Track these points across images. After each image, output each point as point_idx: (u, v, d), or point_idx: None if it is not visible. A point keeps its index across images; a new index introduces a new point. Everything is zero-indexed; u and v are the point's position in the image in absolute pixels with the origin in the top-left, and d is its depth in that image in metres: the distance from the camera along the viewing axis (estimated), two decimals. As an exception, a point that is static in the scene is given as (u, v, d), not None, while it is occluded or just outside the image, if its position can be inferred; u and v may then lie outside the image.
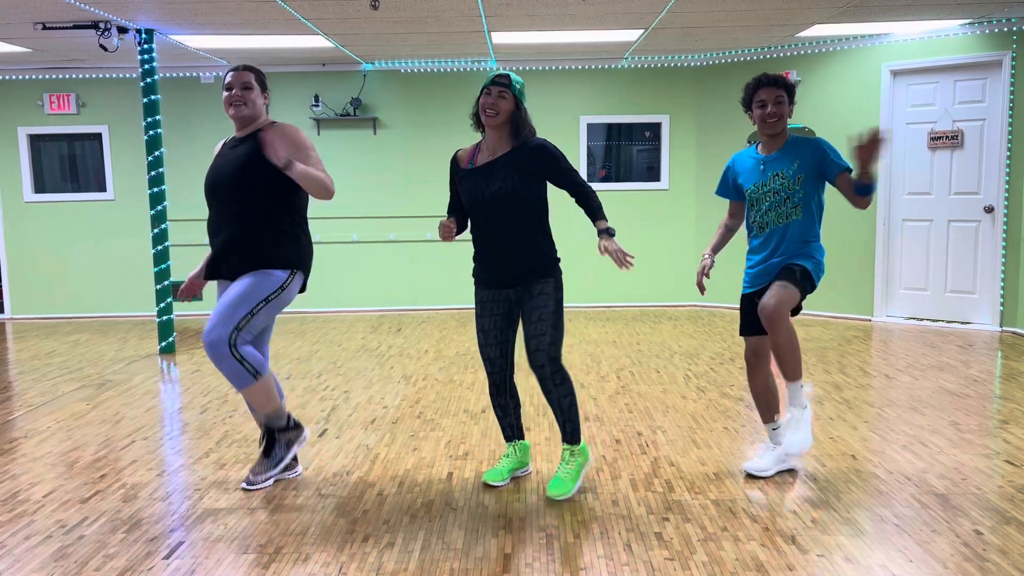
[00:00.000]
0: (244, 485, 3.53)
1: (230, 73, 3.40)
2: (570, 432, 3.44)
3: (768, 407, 3.67)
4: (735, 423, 4.42)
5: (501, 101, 3.29)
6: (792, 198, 3.45)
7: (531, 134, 3.38)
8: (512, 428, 3.60)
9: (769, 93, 3.46)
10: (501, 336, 3.47)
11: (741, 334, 3.69)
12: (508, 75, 3.31)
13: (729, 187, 3.71)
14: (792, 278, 3.38)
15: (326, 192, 3.29)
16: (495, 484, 3.52)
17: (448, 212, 3.57)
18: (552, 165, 3.35)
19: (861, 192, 3.31)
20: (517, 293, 3.41)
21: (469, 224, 3.50)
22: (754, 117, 3.52)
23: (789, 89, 3.49)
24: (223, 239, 3.41)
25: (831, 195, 3.50)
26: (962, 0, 5.87)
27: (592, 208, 3.39)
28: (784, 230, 3.48)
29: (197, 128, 8.26)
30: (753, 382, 3.65)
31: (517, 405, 3.60)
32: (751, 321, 3.59)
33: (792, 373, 3.40)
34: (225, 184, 3.38)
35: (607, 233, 3.33)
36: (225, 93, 3.38)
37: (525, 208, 3.34)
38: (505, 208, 3.32)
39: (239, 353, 3.29)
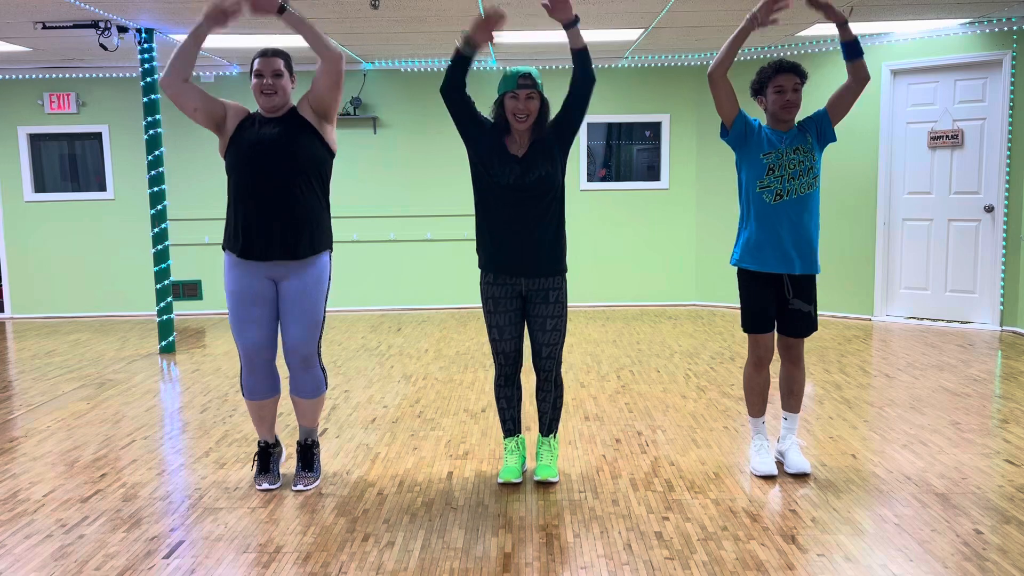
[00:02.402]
0: (304, 487, 3.56)
1: (259, 59, 3.28)
2: (555, 427, 3.64)
3: (766, 400, 3.69)
4: (735, 422, 4.42)
5: (530, 103, 3.27)
6: (814, 168, 3.46)
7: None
8: (514, 421, 3.61)
9: (788, 79, 3.42)
10: (516, 331, 3.49)
11: (753, 331, 3.55)
12: (531, 74, 3.25)
13: (744, 123, 3.48)
14: (813, 324, 3.59)
15: (325, 45, 3.24)
16: (515, 481, 3.51)
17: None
18: (552, 115, 3.38)
19: (852, 55, 3.37)
20: (528, 286, 3.42)
21: (479, 208, 3.44)
22: (767, 102, 3.46)
23: (804, 78, 3.46)
24: (278, 221, 3.29)
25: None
26: (962, 0, 5.87)
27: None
28: (805, 201, 3.44)
29: (197, 127, 8.25)
30: (765, 374, 3.61)
31: (520, 398, 3.63)
32: (771, 312, 3.53)
33: (800, 405, 3.70)
34: (280, 161, 3.26)
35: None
36: (255, 80, 3.28)
37: (554, 196, 3.39)
38: (536, 196, 3.34)
39: (322, 363, 3.58)
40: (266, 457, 3.61)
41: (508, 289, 3.44)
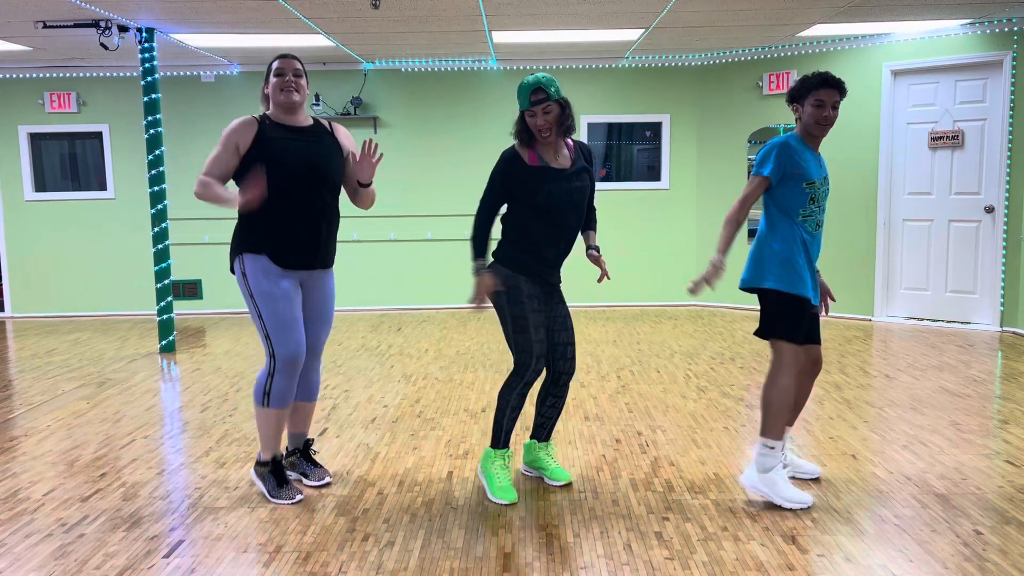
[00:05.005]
0: (329, 480, 3.59)
1: (279, 60, 3.35)
2: (553, 431, 3.66)
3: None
4: (735, 423, 4.42)
5: (548, 116, 3.22)
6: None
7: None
8: (511, 433, 3.46)
9: (831, 95, 3.28)
10: (547, 333, 3.39)
11: (802, 342, 3.33)
12: (543, 87, 3.19)
13: (783, 171, 3.26)
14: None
15: (367, 205, 3.55)
16: (515, 502, 3.42)
17: (485, 214, 3.33)
18: (592, 169, 3.46)
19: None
20: (551, 291, 3.44)
21: (516, 216, 3.35)
22: (804, 113, 3.31)
23: (845, 95, 3.35)
24: (319, 230, 3.37)
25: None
26: (963, 0, 5.87)
27: (593, 221, 3.57)
28: (822, 233, 3.42)
29: (197, 127, 8.26)
30: (801, 390, 3.46)
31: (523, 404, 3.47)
32: (811, 329, 3.42)
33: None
34: (324, 175, 3.35)
35: (597, 248, 3.50)
36: (276, 79, 3.33)
37: (586, 206, 3.41)
38: (577, 207, 3.34)
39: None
40: (281, 469, 3.48)
41: (540, 290, 3.36)
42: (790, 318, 3.29)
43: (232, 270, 3.39)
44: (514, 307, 3.30)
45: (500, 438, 3.42)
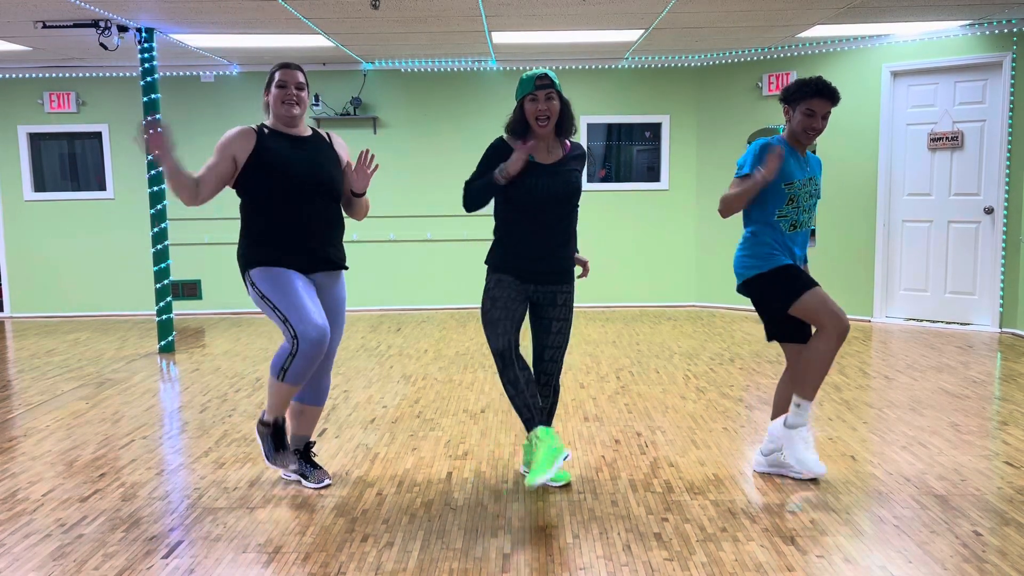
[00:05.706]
0: (328, 482, 3.58)
1: (282, 70, 3.32)
2: (552, 419, 3.62)
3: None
4: (734, 424, 4.42)
5: (551, 103, 3.24)
6: (815, 205, 3.48)
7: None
8: (529, 408, 3.21)
9: (823, 106, 3.30)
10: (511, 305, 3.32)
11: (814, 286, 3.37)
12: (547, 74, 3.24)
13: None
14: None
15: (366, 215, 3.63)
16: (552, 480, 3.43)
17: (468, 186, 3.39)
18: (581, 170, 3.49)
19: None
20: (539, 292, 3.42)
21: (501, 213, 3.40)
22: (794, 118, 3.35)
23: (837, 104, 3.36)
24: (324, 237, 3.39)
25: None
26: (963, 1, 5.87)
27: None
28: (807, 235, 3.49)
29: (197, 127, 8.25)
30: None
31: (529, 379, 3.27)
32: (806, 329, 3.54)
33: None
34: (326, 184, 3.37)
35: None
36: (278, 90, 3.30)
37: (574, 207, 3.42)
38: (561, 207, 3.35)
39: None
40: (282, 434, 3.44)
41: (518, 288, 3.37)
42: (784, 284, 3.37)
43: (247, 288, 3.41)
44: (485, 302, 3.38)
45: (521, 420, 3.28)
